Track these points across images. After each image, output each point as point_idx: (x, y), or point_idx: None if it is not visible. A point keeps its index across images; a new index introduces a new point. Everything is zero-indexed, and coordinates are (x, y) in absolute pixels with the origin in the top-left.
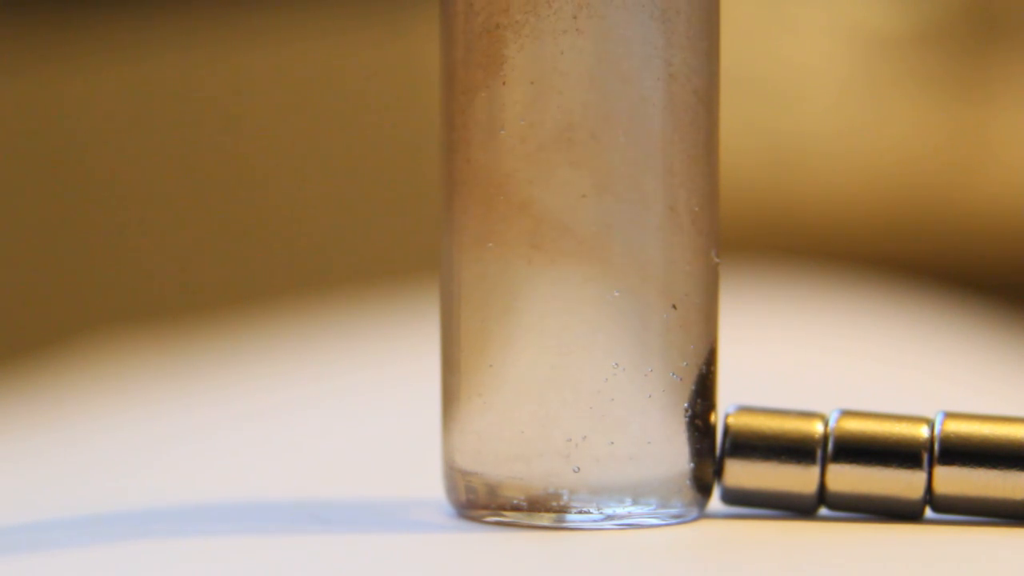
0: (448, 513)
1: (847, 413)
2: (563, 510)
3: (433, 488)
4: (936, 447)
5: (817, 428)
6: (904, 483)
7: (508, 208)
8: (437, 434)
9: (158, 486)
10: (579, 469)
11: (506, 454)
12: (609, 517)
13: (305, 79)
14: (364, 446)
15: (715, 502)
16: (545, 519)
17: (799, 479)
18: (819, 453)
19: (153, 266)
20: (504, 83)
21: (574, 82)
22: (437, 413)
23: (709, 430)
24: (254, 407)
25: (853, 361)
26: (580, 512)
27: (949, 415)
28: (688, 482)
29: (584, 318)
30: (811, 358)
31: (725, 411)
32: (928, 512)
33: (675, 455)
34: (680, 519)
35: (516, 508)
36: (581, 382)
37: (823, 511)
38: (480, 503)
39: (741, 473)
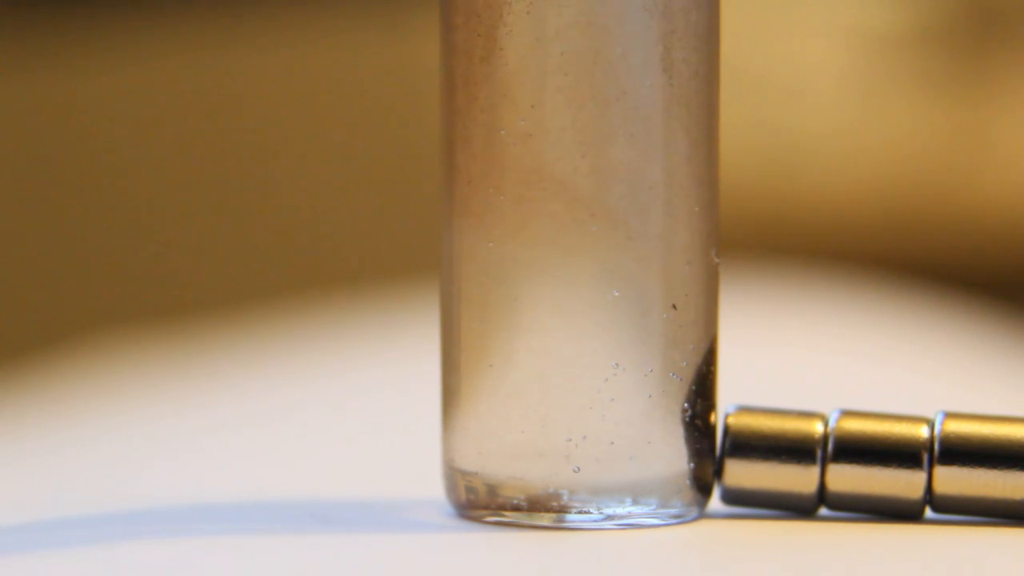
0: (448, 513)
1: (847, 413)
2: (563, 510)
3: (433, 488)
4: (936, 447)
5: (817, 428)
6: (904, 483)
7: (508, 208)
8: (437, 434)
9: (157, 486)
10: (579, 469)
11: (506, 454)
12: (609, 517)
13: (305, 80)
14: (364, 446)
15: (715, 502)
16: (545, 519)
17: (799, 479)
18: (819, 453)
19: (153, 266)
20: (504, 84)
21: (573, 82)
22: (437, 413)
23: (709, 430)
24: (254, 407)
25: (853, 361)
26: (580, 512)
27: (949, 415)
28: (688, 482)
29: (584, 318)
30: (811, 358)
31: (725, 411)
32: (928, 512)
33: (675, 455)
34: (680, 519)
35: (516, 508)
36: (581, 382)
37: (823, 511)
38: (480, 503)
39: (741, 473)
